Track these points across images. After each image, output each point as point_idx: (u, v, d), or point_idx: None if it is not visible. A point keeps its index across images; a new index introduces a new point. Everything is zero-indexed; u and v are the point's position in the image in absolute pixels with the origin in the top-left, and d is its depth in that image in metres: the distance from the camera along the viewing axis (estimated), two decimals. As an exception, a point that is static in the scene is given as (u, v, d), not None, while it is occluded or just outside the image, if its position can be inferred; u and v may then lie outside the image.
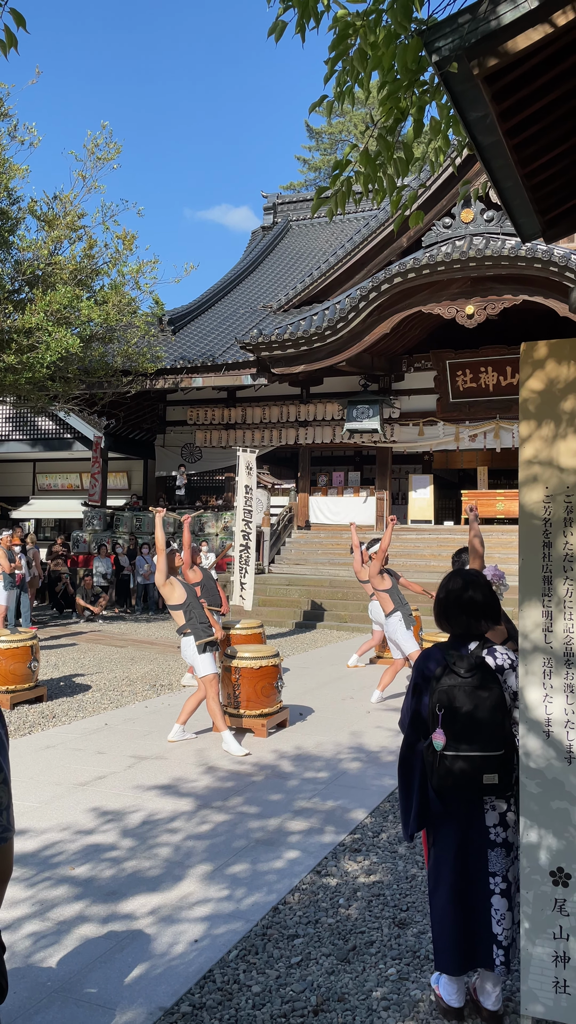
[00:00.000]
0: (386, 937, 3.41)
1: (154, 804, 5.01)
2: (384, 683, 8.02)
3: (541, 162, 2.94)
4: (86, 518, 19.27)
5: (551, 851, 2.44)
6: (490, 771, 2.61)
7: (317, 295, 19.16)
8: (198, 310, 21.88)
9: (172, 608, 6.52)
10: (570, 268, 13.23)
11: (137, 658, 10.88)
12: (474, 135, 2.59)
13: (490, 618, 2.84)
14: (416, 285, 14.97)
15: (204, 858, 4.20)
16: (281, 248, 26.22)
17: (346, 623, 14.53)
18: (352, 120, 40.05)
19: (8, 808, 1.59)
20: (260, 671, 6.75)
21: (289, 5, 2.43)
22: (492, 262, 14.07)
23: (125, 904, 3.69)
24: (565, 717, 2.46)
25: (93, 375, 14.74)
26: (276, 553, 17.85)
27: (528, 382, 2.57)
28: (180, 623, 6.50)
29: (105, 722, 7.17)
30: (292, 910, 3.66)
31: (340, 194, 2.63)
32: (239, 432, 19.57)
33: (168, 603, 6.56)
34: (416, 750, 2.83)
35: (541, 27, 2.33)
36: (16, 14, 2.30)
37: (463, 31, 2.32)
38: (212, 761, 5.97)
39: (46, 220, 13.26)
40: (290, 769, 5.79)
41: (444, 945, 2.73)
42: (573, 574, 2.49)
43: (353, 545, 10.09)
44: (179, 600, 6.50)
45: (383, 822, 4.77)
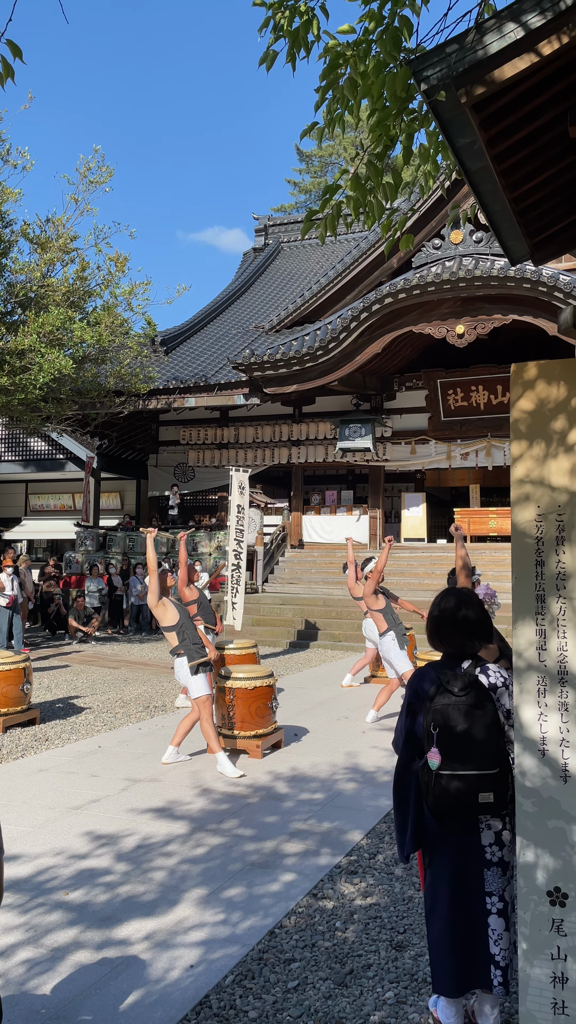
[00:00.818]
0: (383, 960, 3.38)
1: (148, 827, 4.97)
2: (379, 703, 8.00)
3: (528, 187, 2.99)
4: (79, 538, 19.22)
5: (548, 871, 2.43)
6: (485, 790, 2.61)
7: (309, 315, 19.30)
8: (191, 330, 21.99)
9: (165, 629, 6.51)
10: (559, 288, 13.38)
11: (131, 679, 10.82)
12: (462, 161, 2.64)
13: (482, 637, 2.85)
14: (407, 305, 15.10)
15: (199, 882, 4.17)
16: (273, 269, 26.43)
17: (340, 642, 14.50)
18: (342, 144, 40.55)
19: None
20: (254, 691, 6.72)
21: (280, 35, 2.47)
22: (482, 282, 14.21)
23: (120, 929, 3.65)
24: (560, 735, 2.47)
25: (86, 396, 14.78)
26: (270, 572, 17.83)
27: (519, 402, 2.60)
28: (173, 644, 6.48)
29: (99, 744, 7.12)
30: (288, 934, 3.62)
31: (330, 217, 2.66)
32: (232, 452, 19.61)
33: (161, 624, 6.54)
34: (411, 770, 2.82)
35: (527, 56, 2.38)
36: (12, 45, 2.34)
37: (451, 60, 2.37)
38: (207, 783, 5.93)
39: (39, 243, 13.35)
40: (285, 790, 5.76)
41: (441, 967, 2.71)
42: (566, 592, 2.51)
43: (348, 561, 10.09)
44: (172, 621, 6.48)
45: (379, 843, 4.74)
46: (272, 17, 2.43)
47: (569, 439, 2.54)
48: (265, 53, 2.55)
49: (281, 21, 2.43)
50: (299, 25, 2.41)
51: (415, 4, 2.37)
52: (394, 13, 2.36)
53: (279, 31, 2.44)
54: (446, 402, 17.33)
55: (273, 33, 2.46)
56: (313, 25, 2.46)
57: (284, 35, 2.46)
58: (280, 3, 2.40)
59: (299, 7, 2.41)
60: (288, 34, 2.41)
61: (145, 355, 15.77)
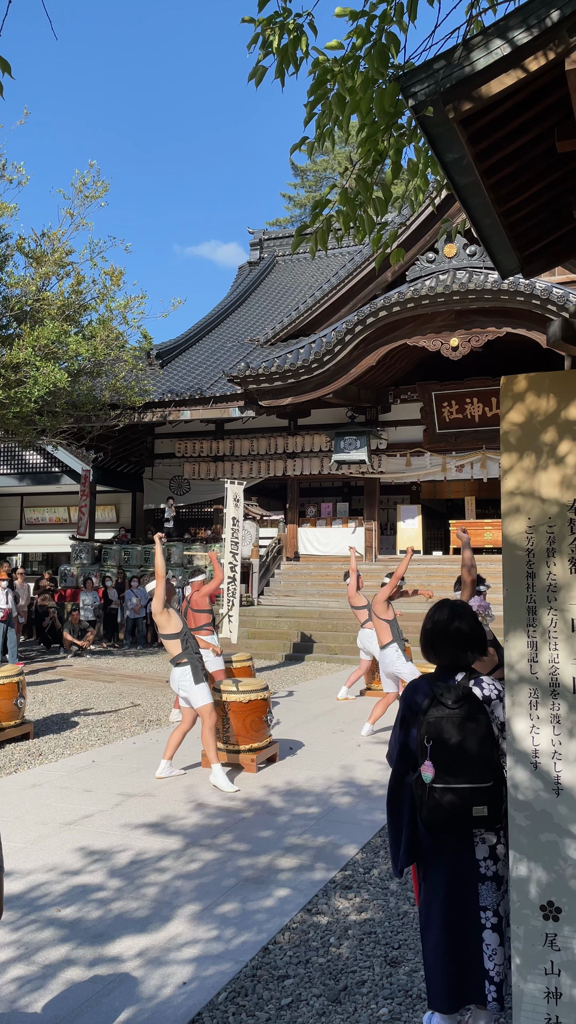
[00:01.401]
0: (377, 976, 3.35)
1: (142, 843, 4.94)
2: (375, 716, 7.98)
3: (517, 200, 3.02)
4: (74, 552, 19.18)
5: (541, 884, 2.42)
6: (479, 803, 2.60)
7: (304, 328, 19.37)
8: (186, 344, 22.05)
9: (166, 638, 6.47)
10: (552, 301, 13.45)
11: (125, 693, 10.78)
12: (451, 175, 2.65)
13: (476, 649, 2.85)
14: (401, 318, 15.17)
15: (193, 898, 4.14)
16: (268, 283, 26.55)
17: (336, 655, 14.46)
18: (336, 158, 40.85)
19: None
20: (249, 705, 6.69)
21: (269, 52, 2.49)
22: (475, 295, 14.29)
23: (112, 946, 3.62)
24: (552, 748, 2.46)
25: (81, 409, 14.79)
26: (265, 585, 17.81)
27: (508, 415, 2.61)
28: (175, 653, 6.44)
29: (92, 759, 7.08)
30: (282, 950, 3.59)
31: (320, 232, 2.68)
32: (227, 464, 19.62)
33: (162, 632, 6.50)
34: (404, 783, 2.81)
35: (514, 72, 2.41)
36: (1, 61, 2.36)
37: (438, 76, 2.39)
38: (201, 798, 5.89)
39: (34, 257, 13.40)
40: (280, 805, 5.73)
41: (436, 982, 2.69)
42: (557, 604, 2.51)
43: (351, 570, 10.05)
44: (175, 629, 6.46)
45: (374, 858, 4.71)
46: (261, 34, 2.45)
47: (559, 451, 2.54)
48: (254, 69, 2.57)
49: (270, 38, 2.45)
50: (288, 42, 2.44)
51: (402, 21, 2.39)
52: (381, 30, 2.38)
53: (268, 47, 2.46)
54: (441, 414, 17.38)
55: (262, 50, 2.48)
56: (302, 42, 2.48)
57: (273, 51, 2.48)
58: (269, 20, 2.42)
59: (288, 24, 2.43)
60: (277, 51, 2.43)
61: (140, 368, 15.80)
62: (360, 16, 2.37)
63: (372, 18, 2.38)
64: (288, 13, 2.47)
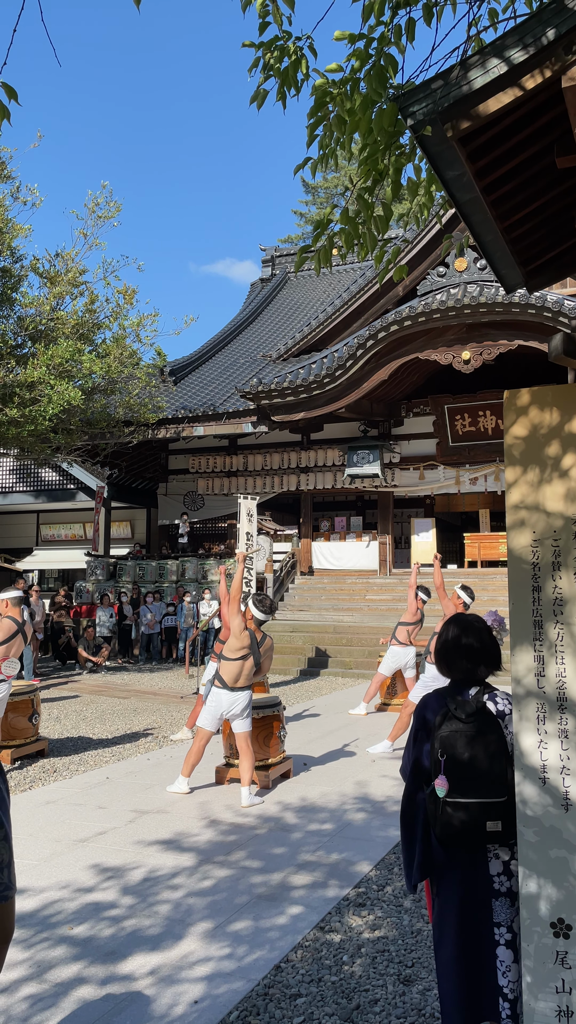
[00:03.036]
0: (391, 995, 3.33)
1: (155, 860, 4.93)
2: (395, 734, 7.91)
3: (519, 216, 3.03)
4: (89, 568, 19.27)
5: (551, 901, 2.40)
6: (493, 818, 2.58)
7: (315, 344, 19.46)
8: (199, 360, 22.20)
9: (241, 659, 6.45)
10: (563, 313, 13.45)
11: (140, 709, 10.78)
12: (452, 192, 2.68)
13: (490, 663, 2.84)
14: (412, 332, 15.20)
15: (205, 915, 4.12)
16: (280, 299, 26.71)
17: (351, 670, 14.41)
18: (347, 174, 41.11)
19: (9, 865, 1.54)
20: (262, 720, 6.68)
21: (270, 75, 2.54)
22: (486, 309, 14.31)
23: (124, 964, 3.61)
24: (560, 763, 2.44)
25: (95, 426, 14.91)
26: (279, 599, 17.79)
27: (512, 428, 2.61)
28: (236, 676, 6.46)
29: (107, 776, 7.09)
30: (295, 968, 3.57)
31: (323, 250, 2.71)
32: (241, 479, 19.68)
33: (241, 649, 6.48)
34: (418, 799, 2.80)
35: (511, 90, 2.43)
36: (7, 87, 2.41)
37: (436, 96, 2.42)
38: (215, 814, 5.88)
39: (48, 277, 13.56)
40: (294, 821, 5.70)
41: (449, 999, 2.67)
42: (563, 617, 2.50)
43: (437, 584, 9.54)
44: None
45: (388, 875, 4.68)
46: (262, 57, 2.50)
47: (563, 464, 2.54)
48: (256, 92, 2.62)
49: (271, 61, 2.49)
50: (288, 65, 2.48)
51: (400, 43, 2.43)
52: (380, 52, 2.42)
53: (268, 71, 2.50)
54: (454, 427, 17.37)
55: (263, 73, 2.52)
56: (302, 64, 2.52)
57: (274, 74, 2.52)
58: (269, 44, 2.47)
59: (288, 47, 2.47)
60: (277, 74, 2.47)
61: (154, 385, 15.92)
62: (359, 39, 2.41)
63: (371, 40, 2.41)
64: (288, 36, 2.52)
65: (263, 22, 2.51)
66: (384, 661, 9.75)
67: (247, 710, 6.31)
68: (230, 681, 6.31)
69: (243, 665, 6.35)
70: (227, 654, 6.40)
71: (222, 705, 6.31)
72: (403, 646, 9.54)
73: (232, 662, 6.35)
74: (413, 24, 2.42)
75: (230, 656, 6.37)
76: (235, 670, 6.33)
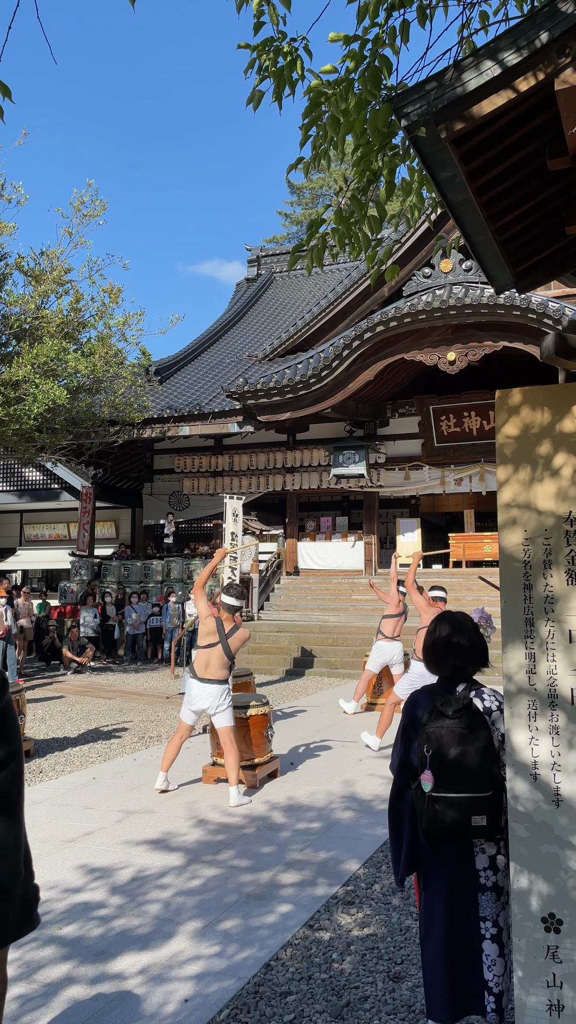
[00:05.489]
0: (380, 992, 3.34)
1: (143, 859, 4.92)
2: (382, 727, 7.94)
3: (510, 217, 3.06)
4: (73, 568, 19.18)
5: (542, 896, 2.42)
6: (478, 813, 2.61)
7: (301, 344, 19.48)
8: (185, 360, 22.16)
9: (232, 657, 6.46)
10: (548, 315, 13.54)
11: (125, 709, 10.75)
12: (444, 193, 2.70)
13: (478, 661, 2.87)
14: (398, 333, 15.26)
15: (195, 914, 4.12)
16: (265, 299, 26.71)
17: (336, 669, 14.43)
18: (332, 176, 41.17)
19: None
20: (250, 720, 6.68)
21: (265, 76, 2.54)
22: (472, 310, 14.38)
23: (114, 964, 3.61)
24: (551, 759, 2.47)
25: (80, 426, 14.84)
26: (265, 600, 17.80)
27: (504, 428, 2.64)
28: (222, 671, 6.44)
29: (93, 776, 7.06)
30: (284, 966, 3.58)
31: (316, 250, 2.72)
32: (226, 479, 19.67)
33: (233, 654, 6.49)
34: (405, 795, 2.83)
35: (504, 92, 2.45)
36: (2, 85, 2.40)
37: (430, 97, 2.43)
38: (202, 814, 5.88)
39: (33, 275, 13.49)
40: (282, 820, 5.71)
41: (435, 992, 2.69)
42: (555, 615, 2.52)
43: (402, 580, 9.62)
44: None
45: (377, 872, 4.70)
46: (257, 59, 2.50)
47: (554, 464, 2.57)
48: (252, 94, 2.62)
49: (266, 62, 2.50)
50: (283, 65, 2.48)
51: (395, 44, 2.44)
52: (374, 53, 2.43)
53: (264, 72, 2.50)
54: (439, 428, 17.45)
55: (258, 74, 2.53)
56: (297, 65, 2.53)
57: (269, 75, 2.53)
58: (263, 45, 2.47)
59: (283, 48, 2.48)
60: (273, 74, 2.48)
61: (139, 385, 15.88)
62: (353, 40, 2.42)
63: (365, 42, 2.43)
64: (283, 37, 2.53)
65: (258, 22, 2.52)
66: (371, 657, 9.78)
67: (223, 706, 6.31)
68: (199, 670, 6.39)
69: (210, 654, 6.39)
70: (198, 642, 6.50)
71: (192, 695, 6.38)
72: (389, 640, 9.56)
73: (201, 650, 6.43)
74: (408, 26, 2.44)
75: (200, 644, 6.47)
76: (203, 658, 6.39)
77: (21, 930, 1.12)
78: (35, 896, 1.15)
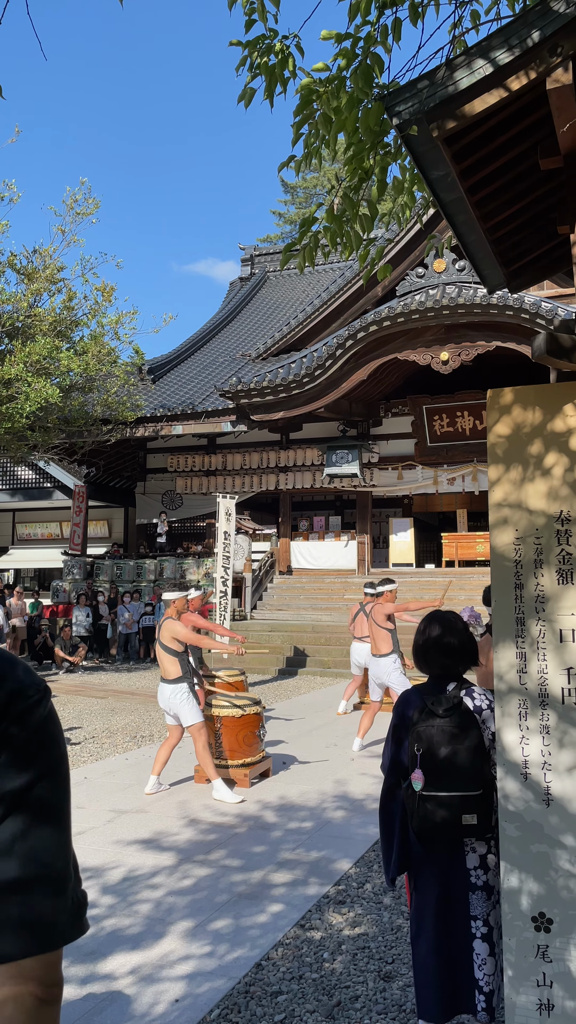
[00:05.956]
0: (371, 991, 3.34)
1: (135, 859, 4.91)
2: (363, 729, 7.93)
3: (502, 217, 3.06)
4: (66, 567, 19.13)
5: (532, 896, 2.42)
6: (469, 811, 2.61)
7: (295, 343, 19.46)
8: (178, 359, 22.12)
9: (171, 652, 6.43)
10: (541, 315, 13.56)
11: (118, 709, 10.73)
12: (436, 192, 2.69)
13: (467, 660, 2.87)
14: (391, 333, 15.26)
15: (186, 914, 4.11)
16: (259, 298, 26.68)
17: (329, 669, 14.44)
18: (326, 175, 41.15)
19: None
20: (242, 720, 6.68)
21: (257, 73, 2.53)
22: (465, 310, 14.39)
23: (104, 964, 3.59)
24: (542, 759, 2.47)
25: (73, 424, 14.81)
26: (258, 599, 17.78)
27: (495, 427, 2.63)
28: (171, 671, 6.40)
29: (84, 776, 7.04)
30: (275, 966, 3.58)
31: (308, 248, 2.71)
32: (219, 479, 19.64)
33: (174, 650, 6.46)
34: (396, 794, 2.83)
35: (496, 91, 2.45)
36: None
37: (422, 96, 2.43)
38: (194, 813, 5.87)
39: (26, 273, 13.45)
40: (273, 820, 5.71)
41: (426, 992, 2.69)
42: (545, 615, 2.52)
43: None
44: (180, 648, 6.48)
45: (368, 872, 4.70)
46: (248, 56, 2.49)
47: (545, 463, 2.57)
48: (243, 91, 2.62)
49: (257, 60, 2.49)
50: (275, 63, 2.48)
51: (386, 43, 2.44)
52: (366, 51, 2.43)
53: (256, 69, 2.50)
54: (432, 428, 17.46)
55: (250, 72, 2.52)
56: (289, 63, 2.52)
57: (261, 73, 2.52)
58: (255, 42, 2.46)
59: (275, 46, 2.47)
60: (264, 72, 2.47)
61: (132, 383, 15.85)
62: (345, 38, 2.41)
63: (357, 40, 2.42)
64: (275, 35, 2.52)
65: (249, 19, 2.51)
66: (352, 660, 9.87)
67: (178, 705, 6.31)
68: (161, 672, 6.48)
69: (159, 652, 6.47)
70: None
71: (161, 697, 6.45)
72: (363, 642, 9.58)
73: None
74: (399, 24, 2.43)
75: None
76: (159, 660, 6.50)
77: (72, 933, 1.13)
78: (84, 902, 1.15)
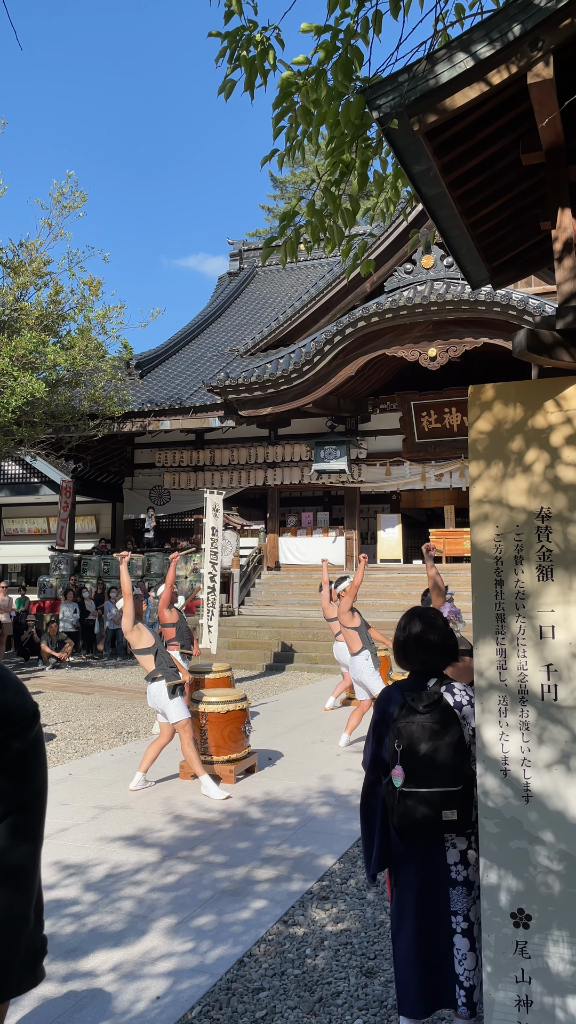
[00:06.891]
0: (353, 987, 3.34)
1: (118, 856, 4.89)
2: (351, 726, 7.96)
3: (486, 212, 3.05)
4: (53, 563, 19.05)
5: (511, 892, 2.42)
6: (449, 807, 2.61)
7: (283, 339, 19.43)
8: (166, 354, 22.04)
9: (140, 653, 6.45)
10: (528, 311, 13.59)
11: (104, 705, 10.70)
12: (418, 187, 2.68)
13: (448, 655, 2.86)
14: (379, 329, 15.25)
15: (168, 911, 4.10)
16: (248, 293, 26.61)
17: (316, 664, 14.45)
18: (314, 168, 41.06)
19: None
20: (227, 715, 6.67)
21: (237, 65, 2.51)
22: (452, 306, 14.40)
23: (86, 961, 3.58)
24: (521, 755, 2.47)
25: (60, 419, 14.73)
26: (246, 595, 17.77)
27: (476, 423, 2.63)
28: (149, 668, 6.42)
29: (69, 772, 7.02)
30: (258, 962, 3.57)
31: (289, 243, 2.69)
32: (207, 474, 19.60)
33: (135, 648, 6.48)
34: (376, 791, 2.83)
35: (477, 85, 2.44)
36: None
37: (403, 89, 2.41)
38: (179, 810, 5.86)
39: (11, 267, 13.35)
40: (258, 816, 5.70)
41: (406, 987, 2.69)
42: (525, 611, 2.52)
43: (323, 582, 10.07)
44: (147, 644, 6.44)
45: (352, 868, 4.70)
46: (228, 47, 2.47)
47: (526, 459, 2.57)
48: (224, 83, 2.59)
49: (237, 51, 2.47)
50: (255, 55, 2.45)
51: (367, 35, 2.42)
52: (347, 43, 2.41)
53: (236, 61, 2.47)
54: (420, 424, 17.48)
55: (230, 63, 2.49)
56: (269, 55, 2.50)
57: (241, 63, 2.49)
58: (235, 34, 2.44)
59: (254, 38, 2.45)
60: (245, 64, 2.45)
61: (120, 378, 15.77)
62: (325, 31, 2.39)
63: (337, 32, 2.40)
64: (254, 26, 2.49)
65: (228, 10, 2.48)
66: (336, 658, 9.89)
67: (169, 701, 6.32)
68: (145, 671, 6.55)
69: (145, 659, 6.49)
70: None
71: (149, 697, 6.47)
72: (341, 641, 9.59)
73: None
74: (380, 17, 2.42)
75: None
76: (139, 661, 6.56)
77: (22, 985, 1.05)
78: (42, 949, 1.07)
